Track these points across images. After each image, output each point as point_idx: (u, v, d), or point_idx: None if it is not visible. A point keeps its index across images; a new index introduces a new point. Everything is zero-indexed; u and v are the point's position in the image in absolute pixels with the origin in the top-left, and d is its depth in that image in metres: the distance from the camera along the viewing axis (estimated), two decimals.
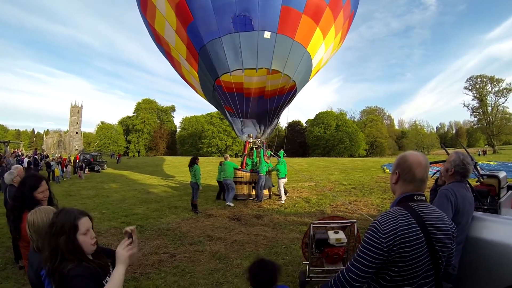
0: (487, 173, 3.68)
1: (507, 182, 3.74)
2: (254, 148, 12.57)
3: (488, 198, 3.33)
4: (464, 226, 2.62)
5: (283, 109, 12.91)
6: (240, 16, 9.86)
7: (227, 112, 12.76)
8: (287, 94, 12.09)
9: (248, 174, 11.47)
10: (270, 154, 12.80)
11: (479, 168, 3.73)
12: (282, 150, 12.55)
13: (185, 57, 11.70)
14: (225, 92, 11.27)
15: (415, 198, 1.61)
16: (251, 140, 12.45)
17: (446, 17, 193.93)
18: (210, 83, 11.65)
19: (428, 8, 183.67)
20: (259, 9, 9.80)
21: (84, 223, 1.76)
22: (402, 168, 1.67)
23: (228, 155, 11.56)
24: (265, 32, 10.12)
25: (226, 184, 10.67)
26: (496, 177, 3.41)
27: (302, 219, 8.23)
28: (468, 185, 3.00)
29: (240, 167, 11.73)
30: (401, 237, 1.45)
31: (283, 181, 11.03)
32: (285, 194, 11.09)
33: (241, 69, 10.67)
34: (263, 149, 12.32)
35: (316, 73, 13.41)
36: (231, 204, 10.20)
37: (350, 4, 11.77)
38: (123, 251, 1.75)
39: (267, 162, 11.30)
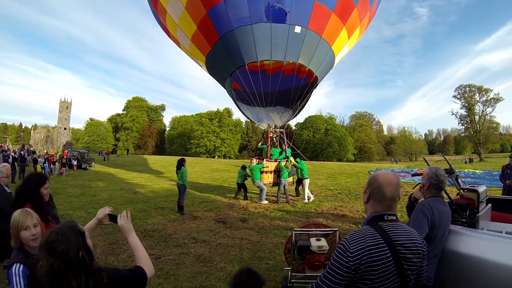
0: (467, 186, 3.75)
1: (486, 196, 3.82)
2: (274, 138, 12.81)
3: (467, 211, 3.40)
4: (440, 239, 2.68)
5: (305, 97, 12.72)
6: (273, 6, 9.68)
7: (240, 102, 12.66)
8: (311, 84, 12.10)
9: (273, 163, 11.86)
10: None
11: (460, 182, 3.82)
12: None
13: (190, 37, 11.19)
14: (246, 72, 10.97)
15: (385, 217, 1.65)
16: (271, 129, 12.69)
17: (438, 27, 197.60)
18: (229, 69, 11.39)
19: (420, 18, 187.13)
20: (293, 2, 9.69)
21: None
22: (373, 188, 1.71)
23: (254, 159, 11.93)
24: (296, 27, 10.01)
25: (256, 185, 11.50)
26: (476, 191, 3.48)
27: (287, 223, 8.27)
28: (448, 197, 3.07)
29: (264, 158, 12.17)
30: (368, 256, 1.48)
31: (308, 182, 11.84)
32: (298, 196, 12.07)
33: (269, 60, 10.59)
34: (284, 146, 12.71)
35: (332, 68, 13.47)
36: (265, 202, 11.06)
37: (376, 6, 11.93)
38: (126, 223, 1.91)
39: (287, 167, 11.47)
